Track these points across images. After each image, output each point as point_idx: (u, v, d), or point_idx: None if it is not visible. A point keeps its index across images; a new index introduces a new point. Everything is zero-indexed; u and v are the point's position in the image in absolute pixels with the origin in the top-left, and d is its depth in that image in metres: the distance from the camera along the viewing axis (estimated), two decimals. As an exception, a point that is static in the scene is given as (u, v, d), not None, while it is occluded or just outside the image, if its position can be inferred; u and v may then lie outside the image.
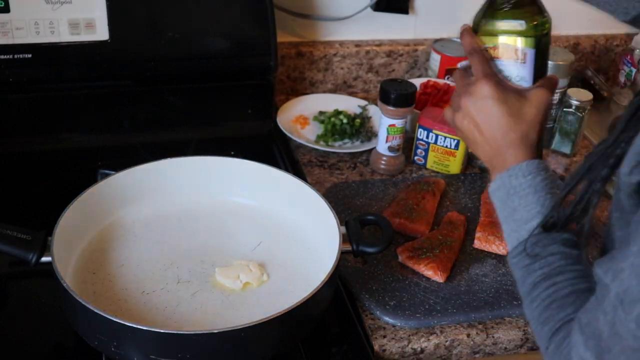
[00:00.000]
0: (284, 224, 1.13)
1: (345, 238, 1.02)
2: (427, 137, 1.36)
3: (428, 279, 1.11)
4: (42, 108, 1.31)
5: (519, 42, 0.87)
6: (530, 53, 0.86)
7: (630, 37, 1.68)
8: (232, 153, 1.20)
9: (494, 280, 1.12)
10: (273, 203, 1.15)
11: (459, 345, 1.05)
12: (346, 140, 1.42)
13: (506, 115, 0.88)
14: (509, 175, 0.86)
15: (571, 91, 1.44)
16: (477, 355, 1.07)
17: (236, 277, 1.01)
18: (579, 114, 1.43)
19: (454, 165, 1.37)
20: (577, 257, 0.80)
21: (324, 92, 1.59)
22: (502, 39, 0.87)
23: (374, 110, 1.50)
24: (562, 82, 1.48)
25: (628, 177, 0.69)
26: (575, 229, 0.82)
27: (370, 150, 1.40)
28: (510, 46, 0.86)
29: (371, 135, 1.44)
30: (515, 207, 0.85)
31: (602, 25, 1.71)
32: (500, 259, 1.16)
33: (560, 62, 1.46)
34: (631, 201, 0.70)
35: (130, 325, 0.85)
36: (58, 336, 1.00)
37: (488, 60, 0.91)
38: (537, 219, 0.83)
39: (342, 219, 1.04)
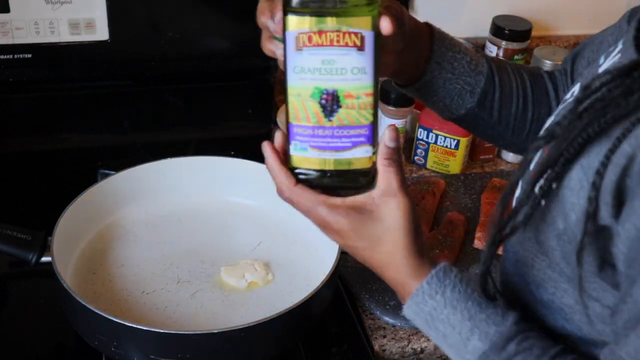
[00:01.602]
0: (284, 224, 1.13)
1: (345, 238, 1.01)
2: (427, 137, 1.36)
3: (428, 279, 1.11)
4: (42, 108, 1.31)
5: (356, 21, 0.67)
6: (369, 36, 0.67)
7: (630, 37, 1.68)
8: (232, 153, 1.20)
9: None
10: (273, 203, 1.14)
11: (459, 345, 1.05)
12: (346, 140, 1.42)
13: (373, 255, 0.72)
14: (416, 303, 0.71)
15: (571, 91, 1.44)
16: (477, 355, 1.07)
17: (241, 276, 1.01)
18: (579, 114, 1.43)
19: (454, 165, 1.37)
20: (533, 346, 0.69)
21: (324, 92, 1.59)
22: (329, 20, 0.67)
23: (374, 110, 1.50)
24: (562, 82, 1.48)
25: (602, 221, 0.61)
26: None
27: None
28: (343, 28, 0.67)
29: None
30: (444, 332, 0.71)
31: (602, 25, 1.70)
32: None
33: (560, 62, 1.46)
34: (588, 239, 0.63)
35: (130, 325, 0.85)
36: (58, 336, 1.00)
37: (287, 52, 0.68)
38: (476, 335, 0.69)
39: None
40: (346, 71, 0.68)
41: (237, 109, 1.41)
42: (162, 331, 0.86)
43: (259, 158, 1.15)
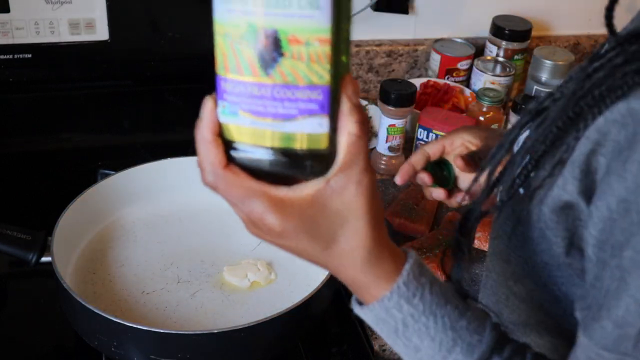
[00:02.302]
0: (284, 224, 1.13)
1: (345, 238, 1.01)
2: (427, 137, 1.36)
3: (428, 279, 1.11)
4: (42, 108, 1.31)
5: None
6: None
7: (630, 37, 1.68)
8: (232, 153, 1.20)
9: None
10: (273, 203, 1.15)
11: (459, 345, 1.05)
12: (346, 140, 1.42)
13: (327, 257, 0.58)
14: (385, 308, 0.58)
15: (571, 91, 1.44)
16: (477, 355, 1.07)
17: (244, 275, 1.01)
18: (579, 114, 1.43)
19: (454, 165, 1.37)
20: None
21: (324, 92, 1.59)
22: None
23: (374, 110, 1.50)
24: (562, 82, 1.48)
25: (561, 190, 0.58)
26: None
27: (370, 150, 1.40)
28: None
29: (371, 135, 1.44)
30: (417, 345, 0.59)
31: (602, 25, 1.70)
32: (500, 259, 1.16)
33: (560, 62, 1.46)
34: (554, 217, 0.60)
35: (130, 325, 0.85)
36: (58, 336, 1.00)
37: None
38: (458, 346, 0.59)
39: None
40: (291, 3, 0.48)
41: (237, 109, 1.41)
42: (162, 331, 0.86)
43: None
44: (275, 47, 0.49)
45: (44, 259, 0.95)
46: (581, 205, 0.57)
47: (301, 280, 1.02)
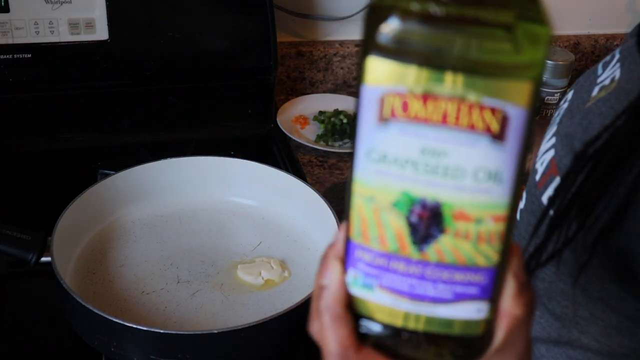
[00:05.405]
0: (284, 224, 1.13)
1: (345, 238, 1.01)
2: (427, 137, 1.35)
3: (428, 279, 1.11)
4: (42, 108, 1.31)
5: (498, 86, 0.37)
6: (518, 117, 0.38)
7: (630, 37, 1.68)
8: (232, 153, 1.20)
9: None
10: (273, 203, 1.15)
11: (459, 345, 1.05)
12: (346, 140, 1.43)
13: None
14: None
15: (571, 91, 1.43)
16: (477, 355, 1.07)
17: (258, 273, 1.01)
18: (579, 114, 1.42)
19: (454, 165, 1.36)
20: None
21: (324, 92, 1.59)
22: (448, 76, 0.37)
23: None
24: (562, 82, 1.48)
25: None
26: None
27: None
28: (471, 95, 0.37)
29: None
30: None
31: (602, 25, 1.71)
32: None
33: (560, 62, 1.46)
34: (606, 248, 0.58)
35: (130, 325, 0.85)
36: (58, 336, 1.00)
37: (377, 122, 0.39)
38: None
39: (342, 219, 1.04)
40: (465, 174, 0.39)
41: (237, 109, 1.41)
42: (162, 331, 0.86)
43: (259, 158, 1.16)
44: (436, 222, 0.40)
45: (44, 259, 0.95)
46: (638, 249, 0.55)
47: (301, 280, 1.03)
